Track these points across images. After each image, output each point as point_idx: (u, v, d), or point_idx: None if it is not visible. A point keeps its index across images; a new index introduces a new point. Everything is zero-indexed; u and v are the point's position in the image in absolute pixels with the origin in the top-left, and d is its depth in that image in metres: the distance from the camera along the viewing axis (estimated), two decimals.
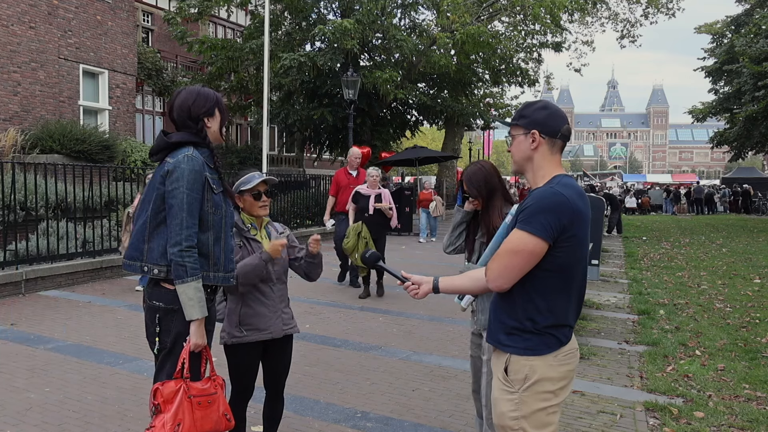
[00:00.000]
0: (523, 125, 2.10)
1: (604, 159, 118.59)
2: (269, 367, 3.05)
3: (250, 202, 2.91)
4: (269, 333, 2.92)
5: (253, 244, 2.89)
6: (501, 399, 2.07)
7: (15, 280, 7.37)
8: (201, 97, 2.52)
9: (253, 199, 2.90)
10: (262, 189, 2.91)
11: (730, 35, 26.79)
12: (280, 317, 2.96)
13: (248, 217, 2.95)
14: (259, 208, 2.92)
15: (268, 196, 2.94)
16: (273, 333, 2.93)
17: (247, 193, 2.90)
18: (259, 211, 2.93)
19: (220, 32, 27.39)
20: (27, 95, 14.07)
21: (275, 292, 2.96)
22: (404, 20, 20.45)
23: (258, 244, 2.91)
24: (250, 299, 2.89)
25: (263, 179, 2.90)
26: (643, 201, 32.86)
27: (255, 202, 2.90)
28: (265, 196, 2.93)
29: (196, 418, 2.41)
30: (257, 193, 2.90)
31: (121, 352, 5.18)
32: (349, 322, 6.49)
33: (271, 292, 2.94)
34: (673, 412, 3.99)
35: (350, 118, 14.86)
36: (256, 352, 2.95)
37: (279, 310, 2.96)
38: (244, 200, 2.91)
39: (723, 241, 15.98)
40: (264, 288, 2.91)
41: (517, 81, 22.06)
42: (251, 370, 2.97)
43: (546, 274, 1.99)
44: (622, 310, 7.30)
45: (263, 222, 3.02)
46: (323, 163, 27.74)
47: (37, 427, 3.64)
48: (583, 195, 2.03)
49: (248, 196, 2.90)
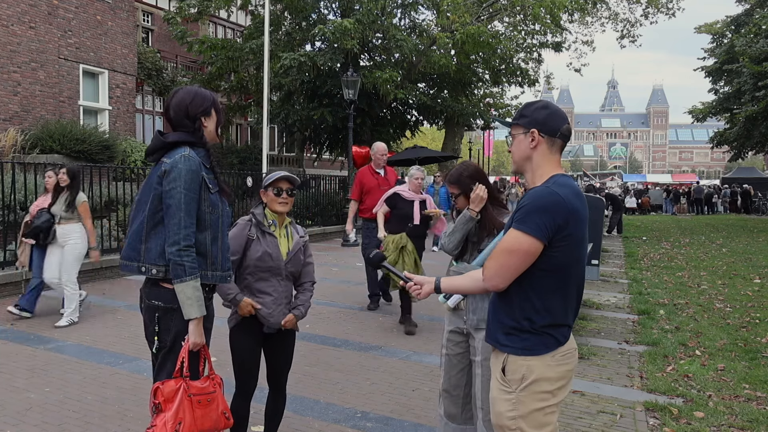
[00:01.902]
0: (523, 124, 2.10)
1: (604, 159, 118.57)
2: (271, 361, 3.16)
3: (271, 198, 3.04)
4: (270, 321, 3.03)
5: (268, 238, 3.01)
6: (499, 399, 2.07)
7: (15, 280, 7.37)
8: (198, 96, 2.54)
9: (274, 195, 3.03)
10: (284, 186, 3.04)
11: (730, 35, 26.78)
12: (283, 311, 3.06)
13: (271, 213, 3.07)
14: (278, 204, 3.04)
15: (290, 194, 3.06)
16: (274, 323, 3.04)
17: (270, 189, 3.02)
18: (278, 207, 3.04)
19: (220, 32, 27.39)
20: (27, 95, 14.07)
21: (282, 287, 3.06)
22: (404, 20, 20.45)
23: (273, 239, 3.02)
24: (257, 290, 3.01)
25: (284, 176, 3.04)
26: (643, 201, 32.87)
27: (275, 198, 3.03)
28: (287, 195, 3.04)
29: (196, 416, 2.42)
30: (278, 190, 3.02)
31: (121, 352, 5.18)
32: (349, 322, 6.49)
33: (278, 285, 3.05)
34: (673, 412, 3.99)
35: (350, 118, 14.86)
36: (258, 338, 3.06)
37: (282, 304, 3.07)
38: (267, 195, 3.06)
39: (723, 241, 15.98)
40: (272, 280, 3.03)
41: (517, 81, 22.04)
42: (253, 357, 3.06)
43: (543, 274, 1.99)
44: (622, 310, 7.30)
45: (285, 221, 3.13)
46: (323, 163, 27.74)
47: (37, 427, 3.64)
48: (579, 194, 2.03)
49: (270, 191, 3.03)
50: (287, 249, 3.08)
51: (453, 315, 3.06)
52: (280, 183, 3.03)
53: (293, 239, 3.13)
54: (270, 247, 2.99)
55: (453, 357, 3.04)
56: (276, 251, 3.01)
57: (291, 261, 3.07)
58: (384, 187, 6.84)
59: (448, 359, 3.06)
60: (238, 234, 2.98)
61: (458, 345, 3.04)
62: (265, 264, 2.98)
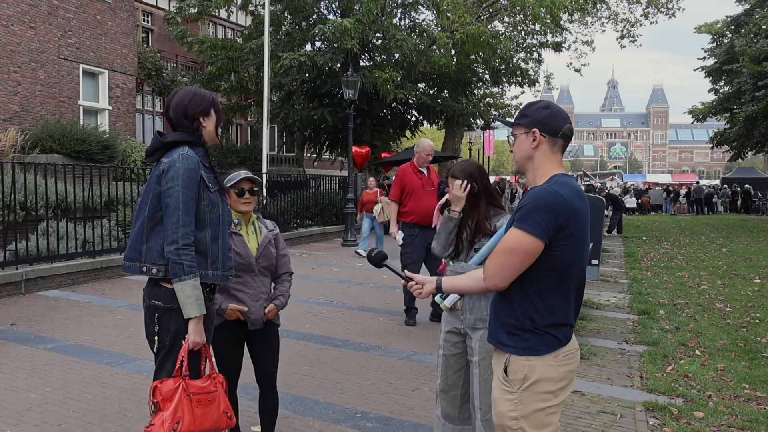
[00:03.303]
0: (524, 124, 2.10)
1: (604, 159, 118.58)
2: (256, 359, 3.19)
3: (234, 199, 3.06)
4: (250, 318, 3.07)
5: (235, 238, 3.05)
6: (500, 399, 2.07)
7: (15, 280, 7.37)
8: (197, 96, 2.55)
9: (236, 195, 3.06)
10: (246, 186, 3.07)
11: (730, 35, 26.79)
12: (262, 305, 3.12)
13: (236, 213, 3.11)
14: (241, 204, 3.08)
15: (251, 194, 3.10)
16: (254, 319, 3.08)
17: (231, 190, 3.05)
18: (242, 207, 3.09)
19: (220, 32, 27.40)
20: (27, 95, 14.07)
21: (257, 282, 3.11)
22: (404, 20, 20.45)
23: (240, 237, 3.07)
24: (233, 289, 3.06)
25: (246, 177, 3.07)
26: (643, 201, 32.86)
27: (238, 198, 3.07)
28: (249, 194, 3.08)
29: (196, 416, 2.41)
30: (240, 191, 3.06)
31: (121, 352, 5.18)
32: (349, 322, 6.49)
33: (252, 281, 3.10)
34: (673, 412, 3.99)
35: (350, 118, 14.85)
36: (238, 336, 3.12)
37: (261, 299, 3.12)
38: (230, 196, 3.07)
39: (723, 241, 15.98)
40: (246, 277, 3.08)
41: (517, 81, 22.03)
42: (233, 356, 3.12)
43: (544, 273, 1.99)
44: (622, 310, 7.30)
45: (251, 218, 3.18)
46: (323, 163, 27.74)
47: (37, 427, 3.64)
48: (580, 193, 2.03)
49: (232, 192, 3.06)
50: (256, 245, 3.14)
51: (450, 315, 3.05)
52: (242, 183, 3.07)
53: (261, 234, 3.18)
54: (238, 246, 3.05)
55: (450, 357, 3.04)
56: (244, 249, 3.07)
57: (262, 255, 3.12)
58: (428, 188, 6.36)
59: (445, 359, 3.05)
60: None
61: (455, 345, 3.03)
62: (236, 263, 3.01)
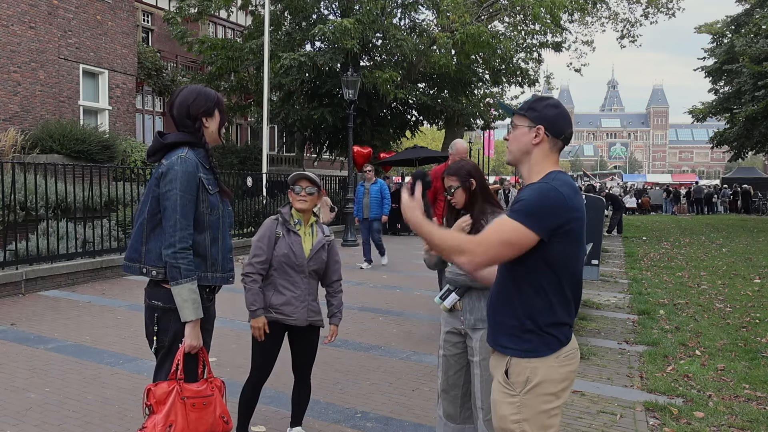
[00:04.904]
0: (531, 118, 2.07)
1: (604, 159, 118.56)
2: (296, 354, 3.33)
3: (292, 196, 3.22)
4: (293, 320, 3.17)
5: (293, 236, 3.17)
6: (502, 402, 2.04)
7: (15, 280, 7.37)
8: (201, 96, 2.51)
9: (293, 193, 3.20)
10: (303, 185, 3.19)
11: (730, 35, 26.79)
12: (307, 308, 3.21)
13: (297, 213, 3.24)
14: (297, 201, 3.20)
15: (308, 193, 3.19)
16: (297, 320, 3.18)
17: (290, 187, 3.21)
18: (297, 205, 3.21)
19: (220, 32, 27.39)
20: (27, 95, 14.06)
21: (304, 284, 3.20)
22: (404, 20, 20.44)
23: (297, 237, 3.18)
24: (281, 286, 3.16)
25: (303, 175, 3.21)
26: (643, 201, 32.86)
27: (294, 195, 3.20)
28: (305, 193, 3.18)
29: (190, 419, 2.39)
30: (298, 189, 3.19)
31: (121, 352, 5.18)
32: (349, 322, 6.49)
33: (301, 282, 3.19)
34: (673, 412, 3.99)
35: (350, 118, 14.84)
36: (278, 335, 3.20)
37: (306, 301, 3.21)
38: (290, 194, 3.23)
39: (723, 241, 15.97)
40: (295, 277, 3.17)
41: (517, 81, 22.03)
42: (270, 352, 3.21)
43: (541, 271, 1.98)
44: (622, 310, 7.30)
45: (310, 220, 3.28)
46: (323, 163, 27.74)
47: (37, 427, 3.64)
48: (578, 191, 2.03)
49: (291, 190, 3.21)
50: (310, 246, 3.22)
51: (449, 316, 3.04)
52: (299, 182, 3.19)
53: (317, 238, 3.27)
54: (293, 245, 3.15)
55: (450, 357, 3.04)
56: (299, 249, 3.16)
57: (313, 259, 3.21)
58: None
59: (446, 360, 3.05)
60: (265, 233, 3.15)
61: (455, 345, 3.03)
62: (289, 261, 3.13)
